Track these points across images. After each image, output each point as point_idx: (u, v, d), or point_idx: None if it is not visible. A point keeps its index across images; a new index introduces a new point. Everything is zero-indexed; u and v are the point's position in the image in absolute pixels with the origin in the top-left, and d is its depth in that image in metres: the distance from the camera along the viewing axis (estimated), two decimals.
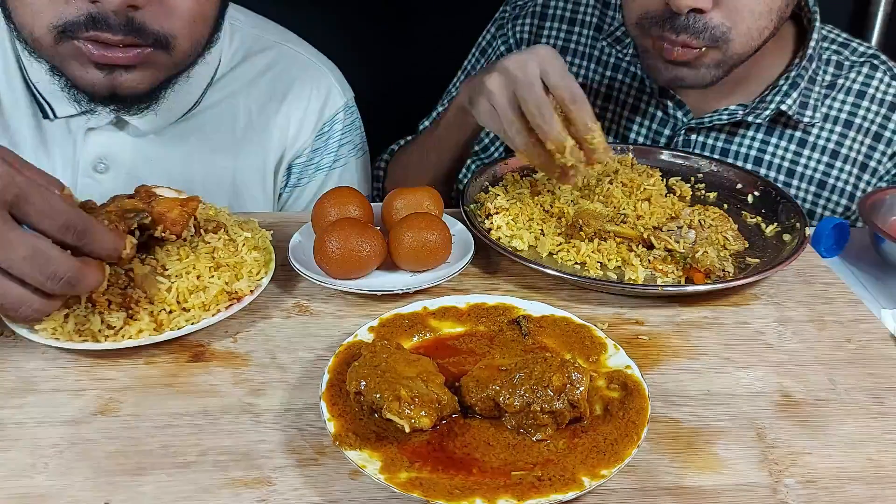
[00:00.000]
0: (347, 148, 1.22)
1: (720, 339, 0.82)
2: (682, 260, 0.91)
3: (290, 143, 1.17)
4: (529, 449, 0.63)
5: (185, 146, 1.10)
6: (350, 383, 0.66)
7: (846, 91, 1.19)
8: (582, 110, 0.89)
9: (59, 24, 0.86)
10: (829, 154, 1.19)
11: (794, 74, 1.16)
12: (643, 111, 1.26)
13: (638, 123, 1.26)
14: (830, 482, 0.64)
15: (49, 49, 0.89)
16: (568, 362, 0.66)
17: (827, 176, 1.19)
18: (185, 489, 0.62)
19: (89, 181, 1.06)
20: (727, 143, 1.22)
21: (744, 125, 1.21)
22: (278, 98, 1.15)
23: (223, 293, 0.79)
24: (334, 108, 1.19)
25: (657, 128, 1.25)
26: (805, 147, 1.20)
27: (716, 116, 1.19)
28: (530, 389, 0.64)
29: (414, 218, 0.88)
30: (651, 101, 1.25)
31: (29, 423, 0.68)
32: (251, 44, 1.15)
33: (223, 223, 0.85)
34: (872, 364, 0.79)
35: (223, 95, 1.12)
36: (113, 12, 0.85)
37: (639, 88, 1.26)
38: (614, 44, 1.26)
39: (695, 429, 0.69)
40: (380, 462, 0.61)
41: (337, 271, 0.85)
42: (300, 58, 1.18)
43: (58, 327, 0.73)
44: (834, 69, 1.20)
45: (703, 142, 1.23)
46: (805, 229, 0.96)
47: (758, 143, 1.21)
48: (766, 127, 1.21)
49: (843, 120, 1.19)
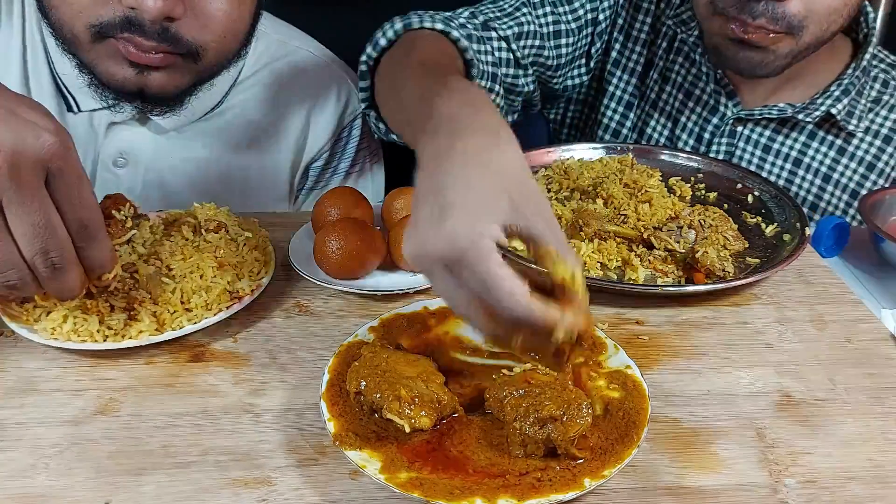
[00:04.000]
0: (364, 153, 1.24)
1: (720, 339, 0.82)
2: (682, 260, 0.91)
3: (309, 146, 1.19)
4: None
5: (205, 145, 1.11)
6: (350, 383, 0.66)
7: (890, 108, 1.21)
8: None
9: (96, 24, 0.88)
10: (866, 166, 1.21)
11: (847, 82, 1.18)
12: (696, 97, 1.26)
13: (689, 109, 1.26)
14: (830, 482, 0.64)
15: (86, 46, 0.91)
16: (578, 402, 0.63)
17: (861, 186, 1.21)
18: (185, 489, 0.62)
19: (108, 175, 1.08)
20: (770, 140, 1.22)
21: (790, 124, 1.21)
22: (298, 102, 1.17)
23: (225, 293, 0.79)
24: (353, 113, 1.21)
25: (706, 115, 1.25)
26: (844, 156, 1.21)
27: (765, 111, 1.19)
28: (522, 407, 0.63)
29: None
30: (706, 89, 1.25)
31: (29, 423, 0.68)
32: (275, 48, 1.17)
33: (224, 223, 0.86)
34: (872, 364, 0.79)
35: (245, 97, 1.13)
36: (149, 21, 0.87)
37: (696, 74, 1.25)
38: (679, 24, 1.25)
39: (695, 429, 0.69)
40: (380, 462, 0.61)
41: (337, 271, 0.85)
42: (322, 63, 1.20)
43: (58, 327, 0.73)
44: (880, 86, 1.22)
45: (747, 135, 1.23)
46: (805, 229, 0.96)
47: (799, 145, 1.22)
48: (810, 131, 1.21)
49: (883, 135, 1.21)
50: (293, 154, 1.18)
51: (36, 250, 0.62)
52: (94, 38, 0.89)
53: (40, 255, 0.63)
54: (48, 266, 0.63)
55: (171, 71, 0.94)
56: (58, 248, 0.63)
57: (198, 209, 0.88)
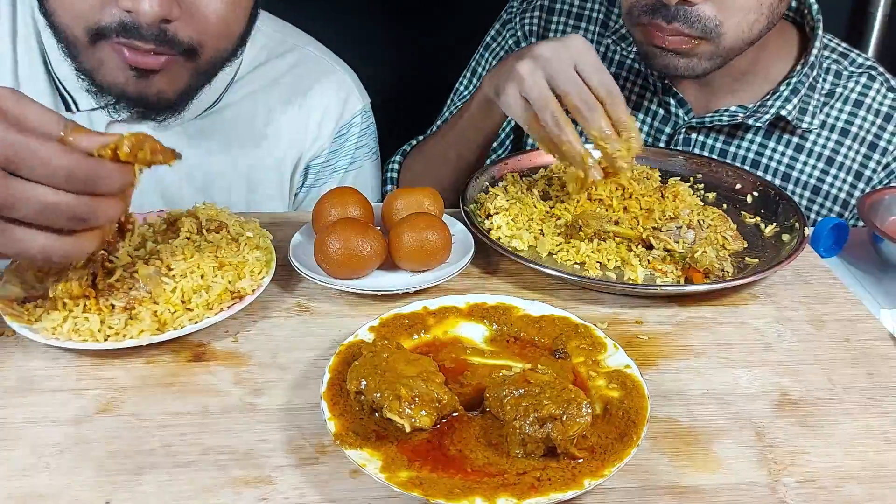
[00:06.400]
0: (363, 151, 1.24)
1: (719, 338, 0.82)
2: (681, 260, 0.92)
3: (309, 143, 1.19)
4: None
5: (205, 142, 1.12)
6: (350, 383, 0.66)
7: (844, 100, 1.21)
8: (617, 106, 0.90)
9: (94, 28, 0.89)
10: (825, 161, 1.20)
11: (796, 81, 1.17)
12: (646, 108, 1.27)
13: (640, 120, 1.27)
14: (829, 481, 0.65)
15: (86, 50, 0.91)
16: (578, 401, 0.63)
17: (822, 182, 1.21)
18: (185, 488, 0.62)
19: None
20: (726, 144, 1.23)
21: (743, 128, 1.22)
22: (298, 99, 1.17)
23: (226, 292, 0.79)
24: (352, 111, 1.21)
25: (658, 125, 1.26)
26: (802, 153, 1.21)
27: (716, 117, 1.19)
28: (522, 406, 0.63)
29: (414, 218, 0.88)
30: (654, 99, 1.25)
31: (30, 423, 0.68)
32: (274, 46, 1.17)
33: (225, 223, 0.86)
34: (871, 364, 0.79)
35: (244, 94, 1.14)
36: (146, 24, 0.87)
37: (642, 86, 1.26)
38: (619, 41, 1.27)
39: (694, 428, 0.70)
40: (380, 461, 0.61)
41: (337, 271, 0.85)
42: (321, 61, 1.21)
43: (58, 327, 0.74)
44: (833, 78, 1.22)
45: (702, 141, 1.23)
46: (804, 229, 0.96)
47: (756, 146, 1.22)
48: (765, 131, 1.21)
49: (839, 128, 1.20)
50: (292, 151, 1.18)
51: (59, 225, 0.63)
52: (92, 40, 0.90)
53: (67, 221, 0.63)
54: (80, 222, 0.64)
55: (170, 73, 0.94)
56: (69, 209, 0.63)
57: (199, 209, 0.88)
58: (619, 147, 0.91)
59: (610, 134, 0.91)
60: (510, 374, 0.69)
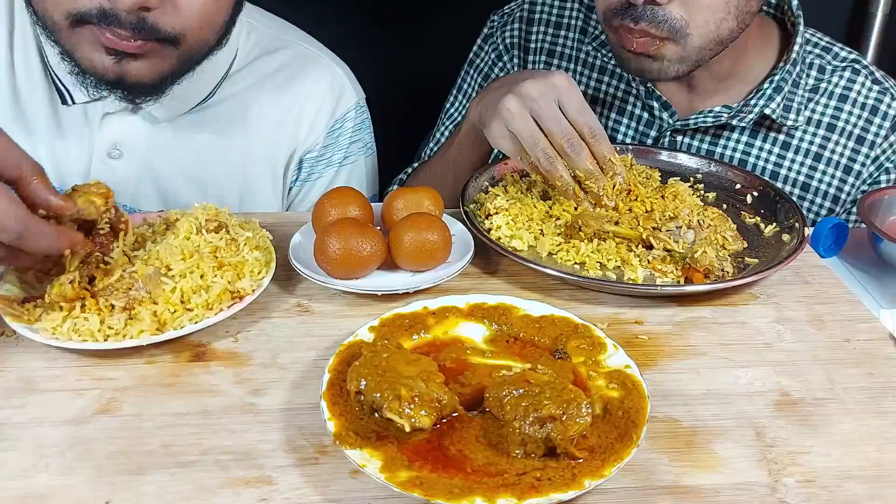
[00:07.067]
0: (357, 146, 1.24)
1: (719, 338, 0.82)
2: (681, 260, 0.92)
3: (303, 138, 1.19)
4: None
5: (199, 136, 1.12)
6: (350, 383, 0.66)
7: (829, 95, 1.20)
8: (602, 144, 0.94)
9: (74, 13, 0.89)
10: (813, 157, 1.20)
11: (779, 78, 1.17)
12: (629, 113, 1.27)
13: (625, 125, 1.27)
14: (829, 481, 0.65)
15: (65, 33, 0.92)
16: (578, 402, 0.63)
17: (811, 179, 1.20)
18: (186, 488, 0.62)
19: (103, 167, 1.08)
20: (712, 145, 1.23)
21: (729, 128, 1.21)
22: (292, 94, 1.17)
23: (226, 292, 0.79)
24: (346, 105, 1.22)
25: (643, 129, 1.26)
26: (789, 150, 1.21)
27: (700, 118, 1.19)
28: (522, 406, 0.63)
29: (414, 218, 0.89)
30: (637, 103, 1.25)
31: (30, 423, 0.68)
32: (268, 42, 1.18)
33: (224, 223, 0.86)
34: (871, 364, 0.79)
35: (238, 89, 1.14)
36: (125, 11, 0.88)
37: (625, 90, 1.26)
38: (599, 48, 1.27)
39: (694, 428, 0.70)
40: (380, 461, 0.61)
41: (337, 271, 0.85)
42: (315, 57, 1.21)
43: (58, 327, 0.74)
44: (817, 73, 1.21)
45: (688, 143, 1.23)
46: (804, 229, 0.96)
47: (742, 146, 1.22)
48: (751, 130, 1.21)
49: (825, 123, 1.20)
50: (286, 145, 1.19)
51: None
52: (72, 24, 0.90)
53: None
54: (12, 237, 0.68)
55: (150, 58, 0.94)
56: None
57: (198, 209, 0.88)
58: (605, 185, 0.94)
59: (595, 173, 0.94)
60: (510, 375, 0.69)
